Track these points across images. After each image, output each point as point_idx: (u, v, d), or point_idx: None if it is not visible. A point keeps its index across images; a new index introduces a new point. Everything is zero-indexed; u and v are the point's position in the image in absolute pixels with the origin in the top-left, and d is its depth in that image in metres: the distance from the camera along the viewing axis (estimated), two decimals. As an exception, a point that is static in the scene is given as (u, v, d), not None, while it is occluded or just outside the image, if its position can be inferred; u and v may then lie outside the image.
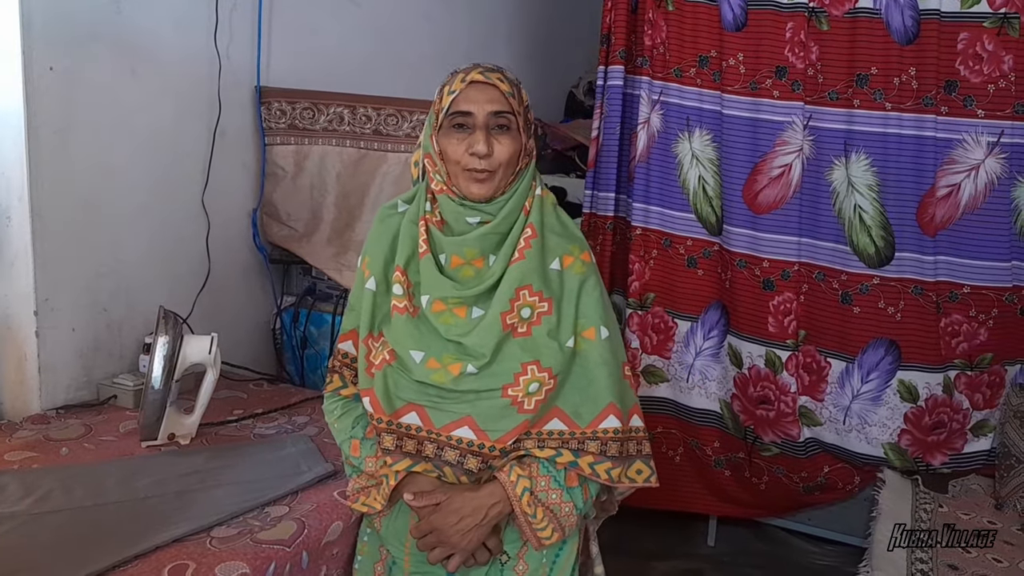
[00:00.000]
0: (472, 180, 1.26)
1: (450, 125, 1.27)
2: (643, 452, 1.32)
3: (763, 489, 2.47)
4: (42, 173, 1.82)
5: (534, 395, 1.25)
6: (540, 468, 1.27)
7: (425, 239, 1.30)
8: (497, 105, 1.25)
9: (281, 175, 2.40)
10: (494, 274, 1.28)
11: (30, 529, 1.34)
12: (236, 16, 2.26)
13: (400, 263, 1.32)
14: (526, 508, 1.25)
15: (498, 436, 1.25)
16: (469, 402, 1.26)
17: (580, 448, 1.27)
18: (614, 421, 1.28)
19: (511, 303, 1.27)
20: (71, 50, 1.85)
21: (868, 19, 2.08)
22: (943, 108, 2.06)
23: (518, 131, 1.28)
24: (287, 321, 2.43)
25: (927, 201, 2.10)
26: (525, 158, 1.31)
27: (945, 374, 2.16)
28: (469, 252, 1.29)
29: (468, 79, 1.26)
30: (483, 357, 1.25)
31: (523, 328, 1.27)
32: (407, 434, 1.28)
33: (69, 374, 1.93)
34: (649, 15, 2.33)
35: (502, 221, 1.29)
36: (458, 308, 1.28)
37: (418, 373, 1.27)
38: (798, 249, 2.24)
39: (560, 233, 1.33)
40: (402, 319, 1.30)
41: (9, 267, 1.85)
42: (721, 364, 2.40)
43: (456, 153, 1.26)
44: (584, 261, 1.33)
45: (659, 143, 2.37)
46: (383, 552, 1.39)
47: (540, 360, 1.26)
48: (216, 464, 1.63)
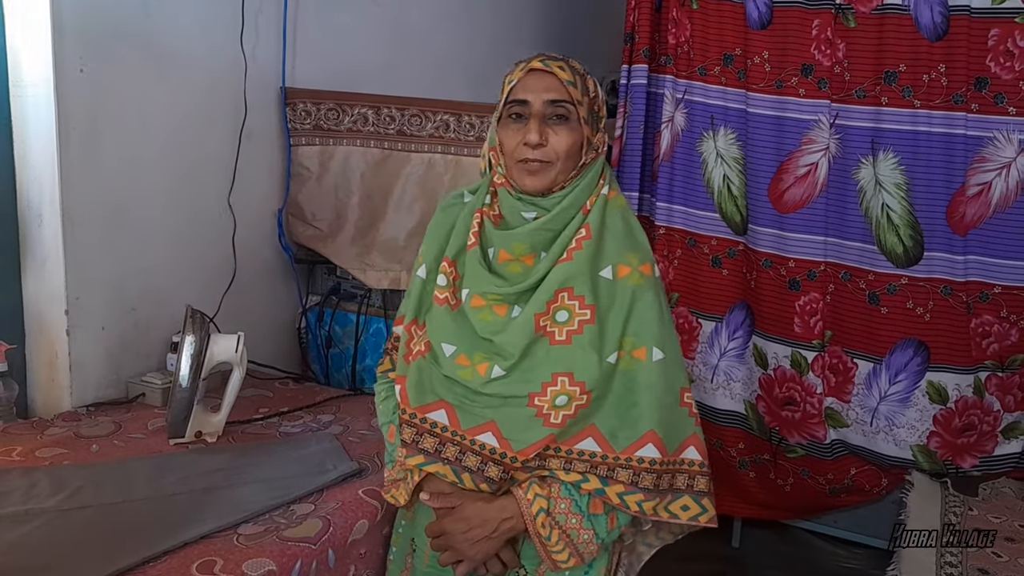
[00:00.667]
0: (525, 171, 1.21)
1: (508, 115, 1.23)
2: (695, 487, 1.23)
3: (788, 491, 2.45)
4: (72, 174, 1.84)
5: (562, 409, 1.19)
6: (562, 490, 1.22)
7: (476, 232, 1.26)
8: (554, 94, 1.20)
9: (306, 175, 2.42)
10: (538, 273, 1.22)
11: (60, 525, 1.36)
12: (262, 18, 2.28)
13: (449, 254, 1.28)
14: (540, 529, 1.21)
15: (521, 447, 1.20)
16: (494, 407, 1.22)
17: (609, 476, 1.20)
18: (652, 451, 1.20)
19: (548, 304, 1.21)
20: (101, 52, 1.88)
21: (896, 16, 2.06)
22: (973, 105, 2.03)
23: (578, 122, 1.21)
24: (312, 320, 2.45)
25: (957, 200, 2.07)
26: (590, 152, 1.24)
27: (975, 375, 2.13)
28: (518, 248, 1.23)
29: (528, 67, 1.21)
30: (511, 357, 1.20)
31: (562, 336, 1.20)
32: (430, 431, 1.25)
33: (99, 372, 1.95)
34: (673, 13, 2.32)
35: (555, 217, 1.22)
36: (498, 306, 1.23)
37: (447, 367, 1.24)
38: (824, 249, 2.22)
39: (621, 239, 1.25)
40: (441, 310, 1.26)
41: (41, 267, 1.88)
42: (746, 365, 2.38)
43: (511, 144, 1.21)
44: (643, 273, 1.24)
45: (683, 142, 2.35)
46: (412, 544, 1.38)
47: (574, 372, 1.19)
48: (242, 462, 1.65)
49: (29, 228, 1.87)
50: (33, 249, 1.88)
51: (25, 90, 1.82)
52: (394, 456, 1.33)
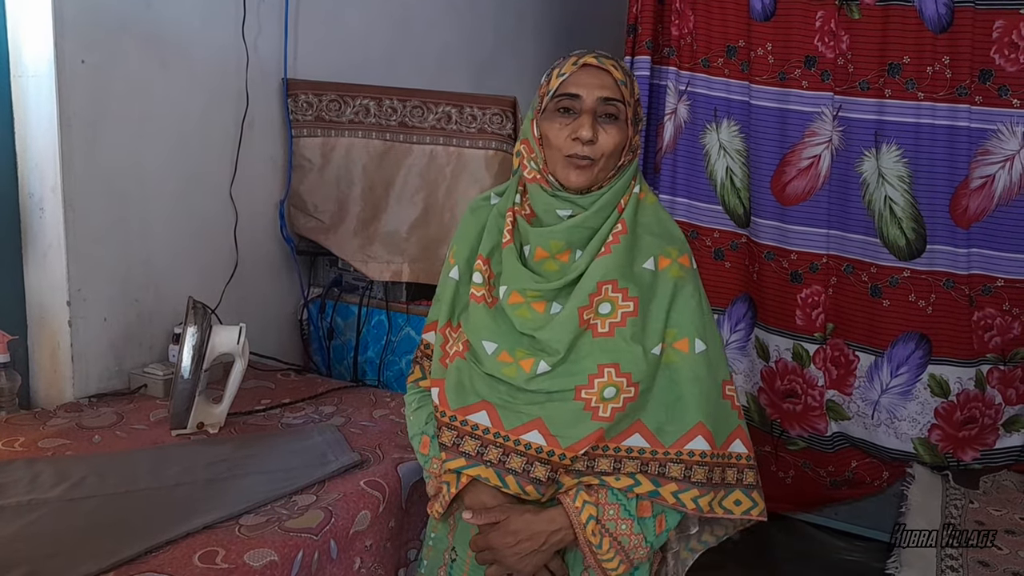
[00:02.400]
0: (572, 167, 1.19)
1: (555, 108, 1.20)
2: (744, 481, 1.22)
3: (789, 483, 2.45)
4: (74, 165, 1.84)
5: (610, 401, 1.16)
6: (609, 495, 1.19)
7: (510, 229, 1.24)
8: (608, 92, 1.18)
9: (308, 167, 2.42)
10: (578, 268, 1.20)
11: (64, 515, 1.36)
12: (263, 9, 2.28)
13: (483, 252, 1.27)
14: (591, 538, 1.18)
15: (570, 443, 1.17)
16: (539, 403, 1.19)
17: (661, 473, 1.17)
18: (702, 443, 1.18)
19: (590, 298, 1.19)
20: (102, 43, 1.87)
21: (901, 7, 2.05)
22: (977, 98, 2.02)
23: (626, 122, 1.20)
24: (314, 312, 2.45)
25: (960, 192, 2.07)
26: (629, 154, 1.23)
27: (977, 368, 2.13)
28: (555, 245, 1.22)
29: (581, 62, 1.19)
30: (556, 353, 1.18)
31: (604, 328, 1.19)
32: (471, 433, 1.22)
33: (101, 363, 1.96)
34: (676, 5, 2.31)
35: (594, 215, 1.21)
36: (536, 303, 1.21)
37: (489, 365, 1.21)
38: (827, 241, 2.21)
39: (658, 233, 1.25)
40: (479, 308, 1.24)
41: (43, 258, 1.88)
42: (748, 357, 2.38)
43: (558, 138, 1.19)
44: (683, 265, 1.23)
45: (686, 134, 2.35)
46: (446, 557, 1.34)
47: (620, 364, 1.17)
48: (244, 453, 1.65)
49: (31, 218, 1.87)
50: (35, 240, 1.88)
51: (27, 80, 1.82)
52: (426, 466, 1.30)
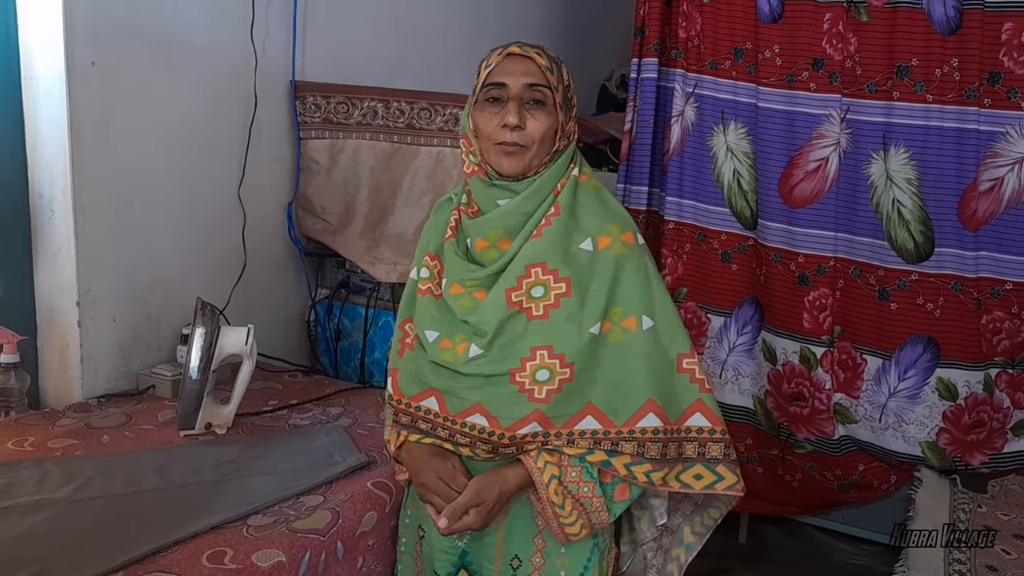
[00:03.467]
0: (503, 154, 1.22)
1: (485, 98, 1.24)
2: (707, 455, 1.23)
3: (796, 487, 2.44)
4: (84, 166, 1.85)
5: (545, 384, 1.19)
6: (571, 460, 1.22)
7: (453, 226, 1.29)
8: (532, 78, 1.22)
9: (316, 169, 2.42)
10: (509, 253, 1.24)
11: (72, 515, 1.37)
12: (271, 11, 2.28)
13: (431, 249, 1.32)
14: (553, 497, 1.20)
15: (509, 424, 1.21)
16: (478, 387, 1.23)
17: (614, 449, 1.21)
18: (654, 420, 1.20)
19: (518, 280, 1.22)
20: (112, 45, 1.88)
21: (909, 9, 2.04)
22: (986, 100, 2.01)
23: (554, 107, 1.23)
24: (321, 313, 2.46)
25: (969, 195, 2.06)
26: (563, 139, 1.26)
27: (986, 372, 2.12)
28: (493, 234, 1.25)
29: (506, 52, 1.24)
30: (485, 334, 1.21)
31: (539, 311, 1.21)
32: (423, 418, 1.28)
33: (109, 364, 1.97)
34: (684, 7, 2.31)
35: (526, 199, 1.24)
36: (477, 291, 1.25)
37: (431, 352, 1.27)
38: (834, 244, 2.21)
39: (597, 212, 1.27)
40: (425, 300, 1.30)
41: (52, 258, 1.89)
42: (755, 360, 2.38)
43: (488, 127, 1.22)
44: (625, 242, 1.25)
45: (693, 136, 2.34)
46: (420, 531, 1.39)
47: (552, 345, 1.19)
48: (252, 454, 1.65)
49: (41, 220, 1.89)
50: (45, 241, 1.89)
51: (37, 82, 1.83)
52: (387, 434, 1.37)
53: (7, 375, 1.77)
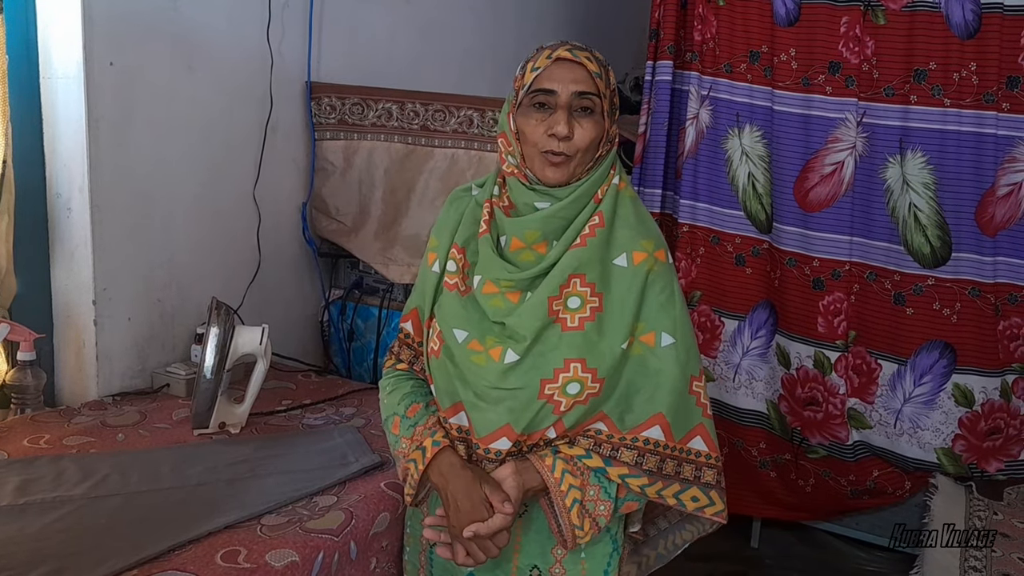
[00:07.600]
0: (548, 163, 1.18)
1: (530, 104, 1.18)
2: (702, 479, 1.22)
3: (809, 492, 2.43)
4: (101, 165, 1.87)
5: (573, 397, 1.18)
6: (592, 478, 1.19)
7: (487, 219, 1.24)
8: (583, 86, 1.16)
9: (330, 170, 2.43)
10: (550, 258, 1.20)
11: (88, 512, 1.38)
12: (288, 12, 2.29)
13: (459, 241, 1.27)
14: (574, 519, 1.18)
15: (528, 433, 1.20)
16: (504, 402, 1.20)
17: (612, 456, 1.19)
18: (658, 433, 1.19)
19: (560, 289, 1.19)
20: (130, 46, 1.89)
21: (927, 13, 2.03)
22: (1004, 105, 2.00)
23: (602, 115, 1.19)
24: (335, 314, 2.46)
25: (987, 200, 2.05)
26: (606, 145, 1.22)
27: (1003, 378, 2.10)
28: (530, 235, 1.21)
29: (555, 56, 1.17)
30: (523, 339, 1.19)
31: (574, 323, 1.19)
32: (458, 438, 1.25)
33: (125, 362, 1.98)
34: (699, 10, 2.30)
35: (569, 205, 1.20)
36: (511, 293, 1.22)
37: (459, 354, 1.22)
38: (850, 248, 2.20)
39: (634, 227, 1.23)
40: (451, 296, 1.25)
41: (70, 257, 1.90)
42: (768, 364, 2.37)
43: (535, 134, 1.18)
44: (658, 259, 1.22)
45: (708, 139, 2.34)
46: (424, 542, 1.37)
47: (586, 359, 1.18)
48: (265, 453, 1.66)
49: (59, 218, 1.90)
50: (62, 239, 1.90)
51: (56, 82, 1.85)
52: (396, 446, 1.29)
53: (23, 372, 1.79)
